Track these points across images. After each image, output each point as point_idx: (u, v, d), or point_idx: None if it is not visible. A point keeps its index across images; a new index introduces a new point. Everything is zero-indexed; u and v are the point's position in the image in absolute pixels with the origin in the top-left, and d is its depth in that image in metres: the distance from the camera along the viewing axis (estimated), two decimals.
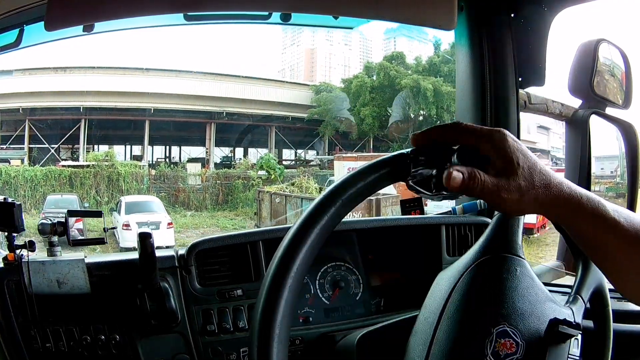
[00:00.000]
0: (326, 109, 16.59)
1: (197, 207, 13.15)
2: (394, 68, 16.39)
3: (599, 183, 1.72)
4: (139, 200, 11.14)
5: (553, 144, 18.39)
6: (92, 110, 14.28)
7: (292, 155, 18.64)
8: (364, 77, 16.87)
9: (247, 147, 18.02)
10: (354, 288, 1.10)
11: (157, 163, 15.48)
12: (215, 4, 1.08)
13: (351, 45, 25.43)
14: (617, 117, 1.25)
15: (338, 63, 25.05)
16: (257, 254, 1.03)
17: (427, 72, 16.30)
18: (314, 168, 16.08)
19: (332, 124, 16.66)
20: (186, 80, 15.37)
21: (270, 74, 22.87)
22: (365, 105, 16.13)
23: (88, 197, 12.16)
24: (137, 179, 13.11)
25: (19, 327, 0.92)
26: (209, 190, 13.55)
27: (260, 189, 11.99)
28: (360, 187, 0.48)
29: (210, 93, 15.59)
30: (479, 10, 1.23)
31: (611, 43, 1.20)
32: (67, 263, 0.95)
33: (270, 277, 0.46)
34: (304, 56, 26.38)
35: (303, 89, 18.15)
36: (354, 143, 17.04)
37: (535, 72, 1.21)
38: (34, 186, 12.01)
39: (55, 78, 13.82)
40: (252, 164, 15.36)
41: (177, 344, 0.98)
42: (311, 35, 25.92)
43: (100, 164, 12.79)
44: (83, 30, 1.05)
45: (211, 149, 16.10)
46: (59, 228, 0.98)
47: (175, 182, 13.56)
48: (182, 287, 1.00)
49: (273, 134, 17.12)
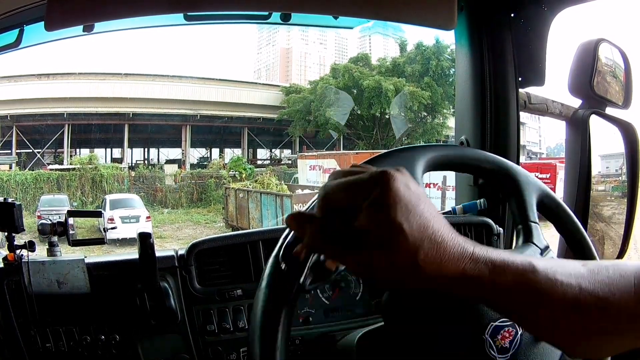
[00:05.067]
0: (295, 109, 17.14)
1: (173, 205, 14.18)
2: (358, 69, 16.89)
3: (605, 182, 1.72)
4: (121, 197, 12.42)
5: (529, 139, 18.70)
6: (75, 115, 14.98)
7: (267, 155, 19.41)
8: (329, 79, 17.48)
9: (222, 148, 18.89)
10: (354, 288, 1.10)
11: (137, 165, 16.29)
12: (215, 4, 1.08)
13: (326, 44, 25.51)
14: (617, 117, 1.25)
15: (313, 62, 25.14)
16: (257, 254, 1.03)
17: (391, 72, 16.85)
18: (282, 167, 16.76)
19: (301, 124, 17.22)
20: (163, 85, 16.02)
21: (246, 74, 23.31)
22: (330, 106, 16.66)
23: (75, 198, 13.09)
24: (118, 180, 14.11)
25: (19, 327, 0.92)
26: (184, 189, 14.54)
27: (227, 186, 12.85)
28: (281, 329, 0.45)
29: (186, 96, 16.25)
30: (479, 10, 1.23)
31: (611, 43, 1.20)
32: (67, 263, 0.95)
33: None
34: (279, 56, 26.42)
35: (275, 90, 18.79)
36: (325, 142, 17.65)
37: (535, 72, 1.21)
38: (25, 189, 12.93)
39: (40, 85, 14.41)
40: (223, 164, 16.14)
41: (177, 344, 0.98)
42: (287, 34, 26.03)
43: (85, 166, 13.82)
44: (83, 31, 1.04)
45: (187, 150, 16.84)
46: (59, 228, 0.98)
47: (153, 183, 14.55)
48: (182, 287, 1.00)
49: (246, 135, 17.87)
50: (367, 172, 0.38)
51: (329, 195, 0.39)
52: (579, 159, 1.22)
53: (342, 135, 17.33)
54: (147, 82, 15.90)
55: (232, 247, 1.03)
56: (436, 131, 16.53)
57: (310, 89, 17.75)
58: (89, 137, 15.95)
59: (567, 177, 1.25)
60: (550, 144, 22.34)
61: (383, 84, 15.95)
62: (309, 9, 1.11)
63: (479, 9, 1.22)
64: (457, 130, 1.34)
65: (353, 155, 12.95)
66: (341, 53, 24.67)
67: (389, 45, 21.45)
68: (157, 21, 1.19)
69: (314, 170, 13.69)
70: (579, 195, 1.22)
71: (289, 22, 1.17)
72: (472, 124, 1.27)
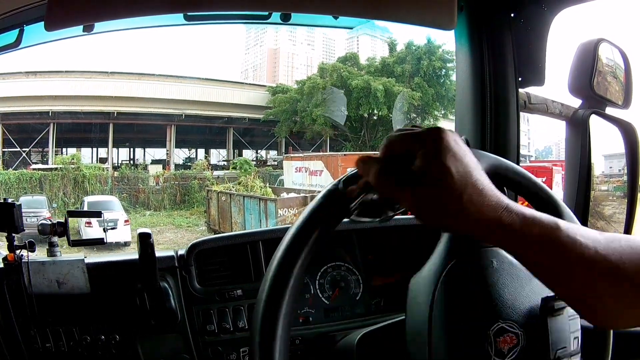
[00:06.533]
0: (281, 109, 16.65)
1: (156, 207, 13.75)
2: (346, 69, 16.40)
3: (608, 182, 1.70)
4: (100, 200, 12.04)
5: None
6: (61, 114, 14.66)
7: (253, 156, 18.89)
8: (316, 79, 16.89)
9: (208, 148, 18.46)
10: (354, 288, 1.10)
11: (122, 165, 15.85)
12: (215, 4, 1.08)
13: (314, 45, 25.39)
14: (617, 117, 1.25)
15: (301, 63, 24.99)
16: (257, 254, 1.03)
17: (380, 72, 16.30)
18: (267, 168, 16.28)
19: (287, 125, 16.74)
20: (148, 83, 15.65)
21: (233, 75, 23.02)
22: (317, 106, 16.10)
23: (57, 199, 12.72)
24: (100, 181, 13.73)
25: (19, 327, 0.92)
26: (167, 190, 14.13)
27: (209, 188, 12.32)
28: (304, 252, 0.48)
29: (171, 95, 15.85)
30: (479, 10, 1.23)
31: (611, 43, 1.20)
32: (67, 263, 0.95)
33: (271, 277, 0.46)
34: (266, 56, 26.29)
35: (261, 90, 18.33)
36: (312, 143, 17.16)
37: (535, 72, 1.21)
38: (8, 189, 12.61)
39: (26, 83, 14.14)
40: (208, 165, 15.72)
41: (177, 344, 0.98)
42: (274, 34, 25.85)
43: (67, 166, 13.39)
44: (83, 31, 1.04)
45: (171, 151, 16.45)
46: (58, 228, 0.98)
47: (135, 184, 14.12)
48: (182, 287, 1.00)
49: (231, 135, 17.45)
50: (424, 128, 0.46)
51: (391, 144, 0.45)
52: (579, 159, 1.22)
53: (329, 136, 16.85)
54: (133, 81, 15.52)
55: (232, 247, 1.03)
56: None
57: (297, 89, 17.20)
58: (75, 136, 15.65)
59: (567, 177, 1.25)
60: (539, 147, 22.51)
61: (372, 84, 15.40)
62: (309, 9, 1.11)
63: (479, 9, 1.22)
64: (457, 130, 1.34)
65: (341, 157, 12.40)
66: (329, 54, 24.45)
67: (378, 45, 21.19)
68: (157, 21, 1.19)
69: (300, 172, 13.08)
70: (579, 195, 1.22)
71: (289, 22, 1.17)
72: (472, 124, 1.27)
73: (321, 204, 0.50)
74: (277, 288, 0.47)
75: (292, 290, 0.47)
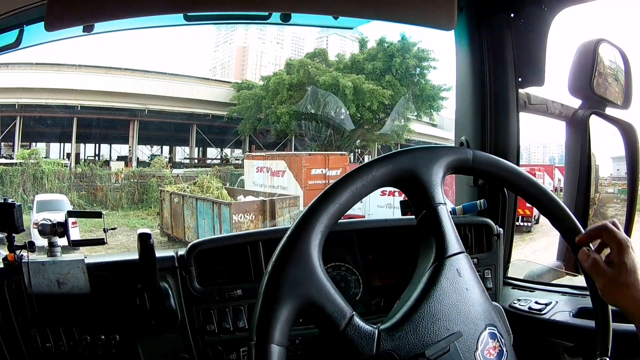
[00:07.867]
0: (246, 106, 15.90)
1: (113, 206, 12.91)
2: (314, 65, 15.62)
3: (615, 185, 1.69)
4: (49, 199, 11.15)
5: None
6: (27, 107, 14.14)
7: (218, 154, 18.38)
8: (282, 74, 15.98)
9: (173, 146, 17.90)
10: (354, 288, 1.10)
11: (87, 161, 15.14)
12: (215, 4, 1.08)
13: (283, 44, 25.20)
14: (617, 118, 1.25)
15: (269, 61, 24.78)
16: (257, 254, 1.03)
17: (349, 69, 15.51)
18: (229, 167, 15.34)
19: (251, 122, 16.02)
20: (114, 77, 15.10)
21: (202, 72, 22.49)
22: (282, 102, 15.30)
23: (16, 195, 11.84)
24: (59, 177, 12.94)
25: (19, 327, 0.92)
26: (126, 188, 13.34)
27: (162, 189, 11.19)
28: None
29: (134, 90, 15.26)
30: (478, 10, 1.23)
31: (611, 43, 1.20)
32: (67, 263, 0.95)
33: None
34: (235, 54, 26.08)
35: (226, 86, 17.64)
36: (276, 142, 16.33)
37: (535, 72, 1.21)
38: None
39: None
40: (167, 162, 15.12)
41: (177, 344, 0.98)
42: (244, 32, 25.62)
43: (27, 161, 12.59)
44: (83, 31, 1.04)
45: (134, 147, 15.88)
46: (59, 228, 0.98)
47: (94, 181, 13.36)
48: (182, 287, 1.00)
49: (194, 132, 16.86)
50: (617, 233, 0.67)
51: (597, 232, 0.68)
52: (578, 159, 1.22)
53: (294, 135, 15.81)
54: (99, 74, 14.89)
55: (232, 248, 1.03)
56: (396, 134, 14.96)
57: (262, 86, 16.24)
58: (43, 130, 14.92)
59: (567, 177, 1.25)
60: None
61: (340, 81, 14.45)
62: (309, 9, 1.11)
63: (478, 9, 1.23)
64: (457, 130, 1.34)
65: (305, 157, 11.48)
66: (298, 53, 24.02)
67: (348, 44, 20.78)
68: (157, 21, 1.19)
69: (261, 173, 12.06)
70: (578, 195, 1.22)
71: (289, 22, 1.17)
72: (472, 124, 1.27)
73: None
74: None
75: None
